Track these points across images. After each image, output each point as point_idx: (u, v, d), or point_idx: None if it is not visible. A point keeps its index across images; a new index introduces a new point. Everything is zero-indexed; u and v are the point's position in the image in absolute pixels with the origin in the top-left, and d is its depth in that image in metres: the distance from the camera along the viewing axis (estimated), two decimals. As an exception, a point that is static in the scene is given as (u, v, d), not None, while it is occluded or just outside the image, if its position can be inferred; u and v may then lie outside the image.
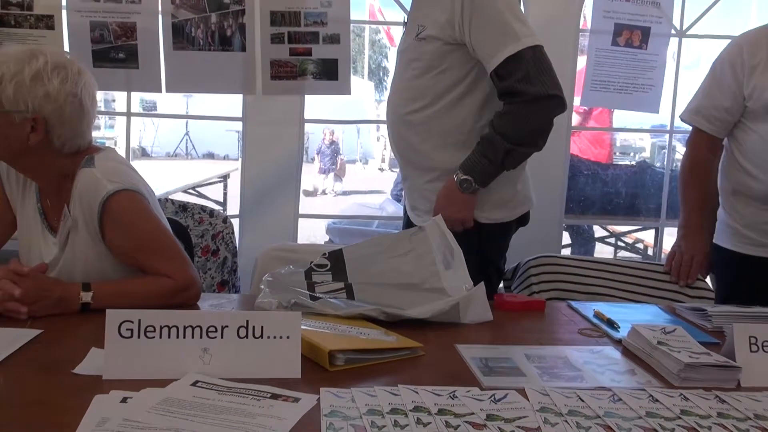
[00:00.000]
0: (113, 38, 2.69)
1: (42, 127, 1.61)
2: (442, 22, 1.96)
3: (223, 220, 2.29)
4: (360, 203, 5.39)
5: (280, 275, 1.78)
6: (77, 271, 1.69)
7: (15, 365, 1.27)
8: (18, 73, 1.58)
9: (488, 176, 2.01)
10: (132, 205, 1.66)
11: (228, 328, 1.27)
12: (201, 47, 2.70)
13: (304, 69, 2.72)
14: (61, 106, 1.61)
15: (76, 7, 2.68)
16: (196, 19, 2.68)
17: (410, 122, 2.07)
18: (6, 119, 1.59)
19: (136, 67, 2.71)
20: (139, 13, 2.68)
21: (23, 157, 1.65)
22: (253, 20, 2.69)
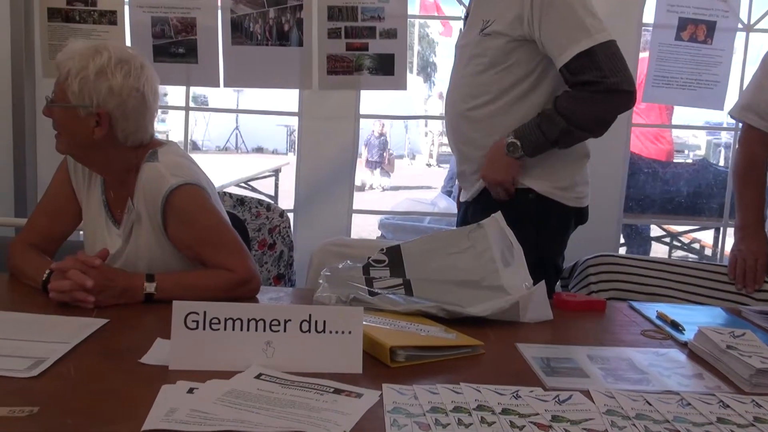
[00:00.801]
0: (173, 33, 2.74)
1: (106, 122, 1.64)
2: (511, 18, 1.94)
3: (279, 214, 2.30)
4: (412, 199, 5.36)
5: (337, 270, 1.78)
6: (141, 263, 1.72)
7: (84, 354, 1.30)
8: (83, 68, 1.62)
9: (537, 148, 1.99)
10: (194, 199, 1.68)
11: (291, 322, 1.27)
12: (259, 42, 2.72)
13: (360, 64, 2.72)
14: (125, 100, 1.65)
15: (138, 3, 2.73)
16: (255, 14, 2.71)
17: (471, 118, 2.05)
18: (72, 114, 1.63)
19: (195, 62, 2.75)
20: (199, 9, 2.72)
21: (88, 151, 1.69)
22: (311, 15, 2.70)
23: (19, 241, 1.82)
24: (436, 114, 17.66)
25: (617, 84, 1.90)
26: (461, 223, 2.29)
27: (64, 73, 1.63)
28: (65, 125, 1.66)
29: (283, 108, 3.42)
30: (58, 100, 1.66)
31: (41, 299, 1.61)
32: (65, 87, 1.63)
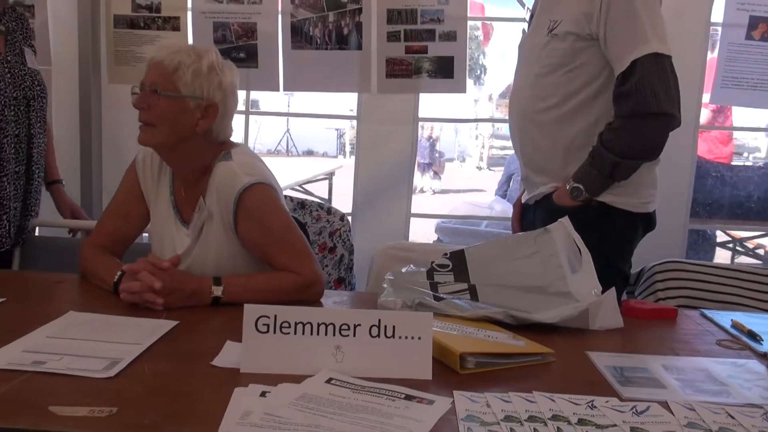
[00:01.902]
0: (234, 38, 2.77)
1: (214, 114, 1.69)
2: (579, 16, 1.91)
3: (340, 217, 2.31)
4: (469, 202, 5.33)
5: (401, 274, 1.77)
6: (209, 263, 1.74)
7: (157, 355, 1.32)
8: (196, 62, 1.68)
9: (598, 186, 1.98)
10: (266, 198, 1.70)
11: (360, 327, 1.27)
12: (318, 46, 2.74)
13: (420, 67, 2.71)
14: (227, 97, 1.72)
15: (201, 9, 2.77)
16: (314, 19, 2.72)
17: (537, 121, 2.02)
18: (180, 105, 1.67)
19: (255, 66, 2.78)
20: (260, 14, 2.75)
21: (181, 144, 1.72)
22: (370, 18, 2.71)
23: (90, 243, 1.86)
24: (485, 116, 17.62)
25: (659, 106, 1.86)
26: (522, 224, 2.26)
27: (173, 65, 1.66)
28: (168, 115, 1.68)
29: (333, 111, 3.45)
30: (164, 91, 1.67)
31: (112, 300, 1.64)
32: (175, 78, 1.66)
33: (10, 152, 2.11)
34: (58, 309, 1.54)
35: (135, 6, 2.80)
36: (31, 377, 1.19)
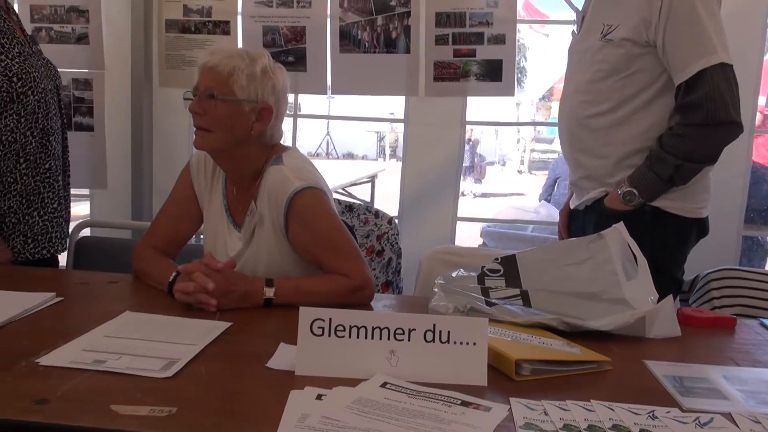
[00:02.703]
0: (284, 42, 2.80)
1: (268, 118, 1.72)
2: (636, 22, 1.88)
3: (388, 221, 2.31)
4: (514, 206, 5.30)
5: (451, 278, 1.76)
6: (260, 266, 1.76)
7: (212, 356, 1.33)
8: (250, 66, 1.70)
9: (654, 191, 1.95)
10: (317, 202, 1.71)
11: (415, 332, 1.26)
12: (366, 50, 2.74)
13: (468, 70, 2.70)
14: (280, 99, 1.74)
15: (251, 13, 2.80)
16: (363, 22, 2.73)
17: (589, 126, 1.99)
18: (236, 108, 1.69)
19: (304, 69, 2.80)
20: (309, 18, 2.77)
21: (235, 148, 1.74)
22: (419, 22, 2.71)
23: (144, 244, 1.89)
24: (526, 120, 17.50)
25: (726, 115, 1.84)
26: (570, 230, 2.23)
27: (227, 69, 1.68)
28: (224, 119, 1.70)
29: (374, 114, 3.47)
30: (220, 95, 1.69)
31: (166, 301, 1.66)
32: (231, 82, 1.68)
33: (58, 148, 2.10)
34: (114, 309, 1.56)
35: (186, 10, 2.85)
36: (92, 376, 1.21)
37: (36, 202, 2.05)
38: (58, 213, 2.12)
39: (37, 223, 2.06)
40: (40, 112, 2.00)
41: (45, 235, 2.07)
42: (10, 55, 1.93)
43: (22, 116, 1.96)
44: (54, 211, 2.10)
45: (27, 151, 1.99)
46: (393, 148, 22.08)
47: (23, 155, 1.99)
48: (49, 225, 2.08)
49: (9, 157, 1.96)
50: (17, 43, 1.97)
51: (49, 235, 2.08)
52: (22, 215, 2.02)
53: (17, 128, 1.96)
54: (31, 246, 2.04)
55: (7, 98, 1.92)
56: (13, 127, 1.95)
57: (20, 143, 1.98)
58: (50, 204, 2.08)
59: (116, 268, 1.98)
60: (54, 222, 2.10)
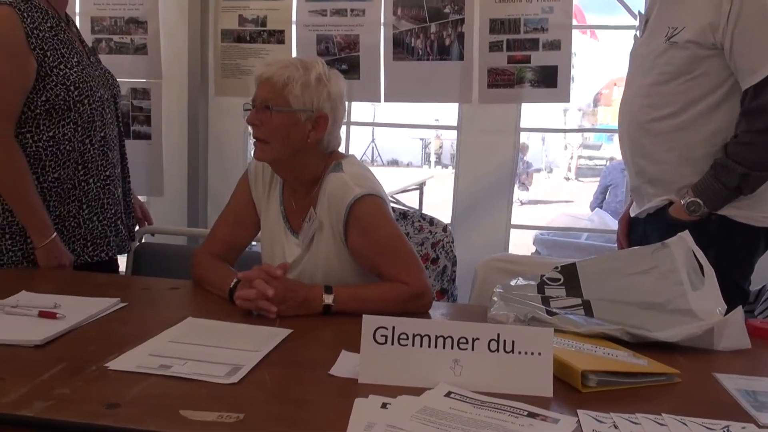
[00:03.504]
0: (337, 50, 2.81)
1: (324, 125, 1.72)
2: (703, 25, 1.83)
3: (443, 228, 2.29)
4: (568, 214, 5.23)
5: (510, 287, 1.74)
6: (319, 272, 1.76)
7: (275, 363, 1.34)
8: (304, 75, 1.70)
9: (720, 201, 1.91)
10: (376, 210, 1.71)
11: (479, 341, 1.25)
12: (420, 57, 2.74)
13: (522, 77, 2.68)
14: (336, 106, 1.74)
15: (305, 22, 2.83)
16: (416, 30, 2.73)
17: (652, 131, 1.95)
18: (291, 119, 1.71)
19: (357, 77, 2.81)
20: (363, 26, 2.78)
21: (293, 157, 1.75)
22: (472, 29, 2.70)
23: (203, 251, 1.91)
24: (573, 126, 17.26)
25: None
26: (630, 239, 2.19)
27: (282, 80, 1.70)
28: (281, 130, 1.71)
29: (418, 120, 3.50)
30: (276, 106, 1.71)
31: (226, 307, 1.68)
32: (286, 92, 1.69)
33: (115, 156, 2.15)
34: (177, 314, 1.59)
35: (242, 20, 2.89)
36: (159, 381, 1.22)
37: (96, 208, 2.10)
38: (117, 218, 2.17)
39: (97, 228, 2.11)
40: (97, 120, 2.06)
41: (104, 239, 2.13)
42: (69, 65, 1.99)
43: (79, 124, 2.02)
44: (112, 216, 2.15)
45: (86, 159, 2.05)
46: (438, 155, 22.05)
47: (82, 162, 2.05)
48: (107, 229, 2.14)
49: (68, 165, 2.03)
50: (76, 53, 2.04)
51: (108, 239, 2.14)
52: (82, 220, 2.08)
53: (74, 136, 2.02)
54: (90, 249, 2.10)
55: (65, 107, 1.99)
56: (70, 135, 2.02)
57: (79, 151, 2.04)
58: (109, 209, 2.14)
59: (173, 274, 2.01)
60: (112, 226, 2.15)
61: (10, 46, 1.91)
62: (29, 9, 1.96)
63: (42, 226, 1.97)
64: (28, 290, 1.71)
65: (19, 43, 1.91)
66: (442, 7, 2.69)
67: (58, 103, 1.98)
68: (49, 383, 1.19)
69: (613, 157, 18.40)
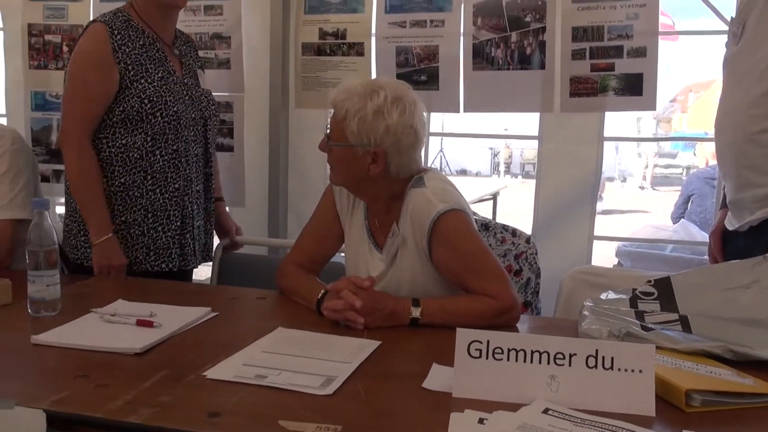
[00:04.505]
0: (416, 62, 2.82)
1: (382, 160, 1.70)
2: None
3: (526, 240, 2.26)
4: (653, 225, 5.08)
5: (601, 301, 1.70)
6: (403, 287, 1.76)
7: (367, 374, 1.34)
8: (361, 108, 1.68)
9: None
10: (460, 224, 1.69)
11: (576, 357, 1.22)
12: (500, 67, 2.72)
13: (606, 85, 2.61)
14: (399, 138, 1.69)
15: (384, 34, 2.84)
16: (497, 39, 2.71)
17: (760, 142, 1.85)
18: (350, 152, 1.71)
19: (436, 88, 2.80)
20: (442, 36, 2.77)
21: (361, 184, 1.77)
22: (554, 37, 2.65)
23: (289, 261, 1.94)
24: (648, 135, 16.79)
25: None
26: (725, 253, 2.10)
27: (342, 113, 1.70)
28: (342, 162, 1.74)
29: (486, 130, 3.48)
30: (335, 138, 1.73)
31: (313, 317, 1.70)
32: (344, 126, 1.70)
33: (192, 171, 2.22)
34: (267, 324, 1.61)
35: (322, 33, 2.92)
36: (256, 390, 1.25)
37: (161, 218, 2.17)
38: (186, 231, 2.22)
39: (160, 238, 2.17)
40: (169, 134, 2.14)
41: (166, 250, 2.18)
42: (149, 80, 2.11)
43: (150, 135, 2.12)
44: (177, 228, 2.20)
45: (155, 169, 2.14)
46: (508, 165, 21.82)
47: (151, 172, 2.14)
48: (171, 241, 2.19)
49: (136, 173, 2.13)
50: (163, 70, 2.15)
51: (170, 251, 2.19)
52: (146, 228, 2.15)
53: (144, 146, 2.12)
54: (152, 258, 2.17)
55: (137, 118, 2.10)
56: (140, 144, 2.12)
57: (147, 161, 2.13)
58: (175, 221, 2.19)
59: (255, 282, 2.05)
60: (176, 239, 2.21)
61: (96, 58, 2.07)
62: (124, 27, 2.11)
63: (101, 225, 2.08)
64: (124, 299, 1.77)
65: (105, 56, 2.07)
66: (523, 16, 2.66)
67: (132, 114, 2.09)
68: (152, 391, 1.23)
69: (690, 165, 17.86)
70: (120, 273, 2.10)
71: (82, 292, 1.90)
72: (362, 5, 2.90)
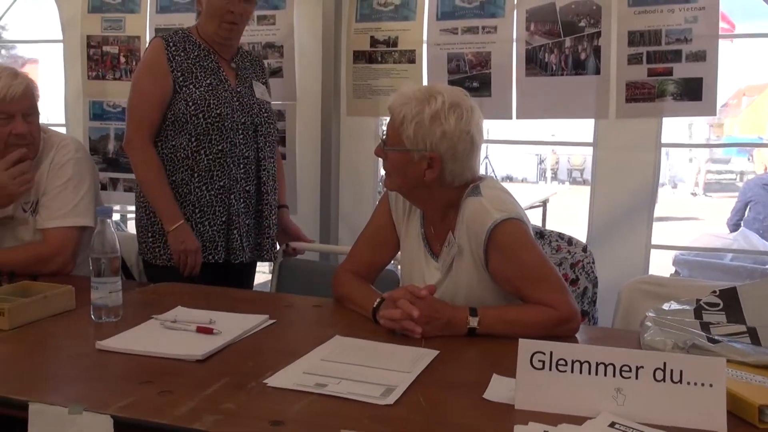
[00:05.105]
0: (468, 68, 2.80)
1: (438, 165, 1.69)
2: None
3: (582, 248, 2.22)
4: (711, 234, 4.96)
5: (663, 312, 1.66)
6: (459, 296, 1.74)
7: (426, 384, 1.33)
8: (418, 113, 1.68)
9: None
10: (518, 234, 1.67)
11: (643, 369, 1.20)
12: (554, 73, 2.68)
13: (663, 90, 2.56)
14: (455, 144, 1.68)
15: (436, 41, 2.84)
16: (550, 45, 2.68)
17: None
18: (406, 156, 1.70)
19: (488, 95, 2.78)
20: (494, 43, 2.75)
21: (416, 190, 1.76)
22: (609, 42, 2.61)
23: (344, 269, 1.94)
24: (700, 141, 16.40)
25: None
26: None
27: (399, 118, 1.70)
28: (397, 167, 1.74)
29: (532, 137, 3.45)
30: (391, 143, 1.73)
31: (369, 326, 1.70)
32: (400, 131, 1.70)
33: (239, 172, 2.31)
34: (324, 332, 1.62)
35: (373, 41, 2.93)
36: (317, 399, 1.25)
37: (208, 214, 2.30)
38: (229, 226, 2.32)
39: (207, 231, 2.30)
40: (213, 134, 2.27)
41: (212, 243, 2.30)
42: (197, 85, 2.27)
43: (194, 136, 2.26)
44: (223, 223, 2.31)
45: (200, 168, 2.27)
46: (554, 171, 21.57)
47: (197, 171, 2.28)
48: (216, 235, 2.30)
49: (183, 171, 2.28)
50: (215, 78, 2.30)
51: (216, 244, 2.30)
52: (194, 223, 2.28)
53: (189, 146, 2.26)
54: None
55: (183, 120, 2.25)
56: (185, 145, 2.27)
57: (193, 159, 2.27)
58: (220, 216, 2.30)
59: (309, 286, 2.08)
60: (222, 233, 2.31)
61: (152, 67, 2.28)
62: (180, 41, 2.30)
63: (171, 214, 2.24)
64: (183, 305, 1.79)
65: (160, 65, 2.26)
66: (578, 21, 2.63)
67: (179, 116, 2.26)
68: (215, 398, 1.24)
69: (744, 171, 17.39)
70: (196, 255, 2.24)
71: (141, 298, 1.94)
72: (413, 12, 2.90)
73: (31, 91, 2.15)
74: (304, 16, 3.07)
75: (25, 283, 1.86)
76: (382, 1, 2.93)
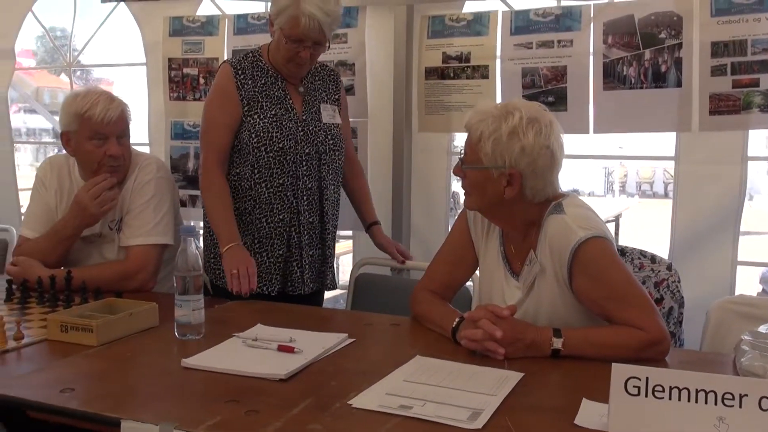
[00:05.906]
0: (543, 83, 2.76)
1: (518, 182, 1.66)
2: None
3: (667, 267, 2.14)
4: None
5: (760, 334, 1.58)
6: (542, 316, 1.70)
7: (514, 408, 1.30)
8: (496, 130, 1.65)
9: None
10: (603, 252, 1.62)
11: (747, 398, 1.13)
12: (632, 86, 2.61)
13: (749, 102, 2.46)
14: (535, 159, 1.65)
15: (510, 56, 2.80)
16: (629, 57, 2.61)
17: None
18: (484, 174, 1.68)
19: (564, 109, 2.73)
20: (570, 56, 2.70)
21: (496, 208, 1.73)
22: (691, 53, 2.52)
23: (421, 288, 1.92)
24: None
25: None
26: None
27: (477, 135, 1.68)
28: (476, 185, 1.72)
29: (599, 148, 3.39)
30: (470, 161, 1.71)
31: (449, 346, 1.67)
32: (478, 149, 1.68)
33: (302, 204, 2.28)
34: (404, 352, 1.60)
35: (445, 57, 2.92)
36: (402, 421, 1.23)
37: (266, 245, 2.28)
38: (289, 258, 2.29)
39: (264, 262, 2.27)
40: (275, 167, 2.25)
41: (267, 275, 2.27)
42: (262, 116, 2.25)
43: (256, 168, 2.25)
44: (280, 256, 2.28)
45: (261, 200, 2.26)
46: (623, 184, 21.05)
47: (258, 202, 2.27)
48: (273, 267, 2.28)
49: (246, 201, 2.28)
50: (281, 107, 2.27)
51: (271, 276, 2.28)
52: (253, 253, 2.24)
53: (251, 177, 2.26)
54: None
55: (245, 150, 2.25)
56: (248, 175, 2.26)
57: (256, 191, 2.26)
58: (278, 249, 2.28)
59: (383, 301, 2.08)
60: (279, 266, 2.29)
61: (221, 94, 2.27)
62: (249, 68, 2.29)
63: (227, 236, 2.16)
64: (263, 323, 1.81)
65: (229, 93, 2.25)
66: (657, 32, 2.55)
67: (242, 146, 2.25)
68: (300, 418, 1.24)
69: (831, 182, 16.61)
70: (252, 270, 2.10)
71: (221, 316, 1.96)
72: (486, 27, 2.87)
73: (126, 114, 2.25)
74: (376, 34, 3.08)
75: (110, 300, 1.91)
76: (455, 16, 2.91)
